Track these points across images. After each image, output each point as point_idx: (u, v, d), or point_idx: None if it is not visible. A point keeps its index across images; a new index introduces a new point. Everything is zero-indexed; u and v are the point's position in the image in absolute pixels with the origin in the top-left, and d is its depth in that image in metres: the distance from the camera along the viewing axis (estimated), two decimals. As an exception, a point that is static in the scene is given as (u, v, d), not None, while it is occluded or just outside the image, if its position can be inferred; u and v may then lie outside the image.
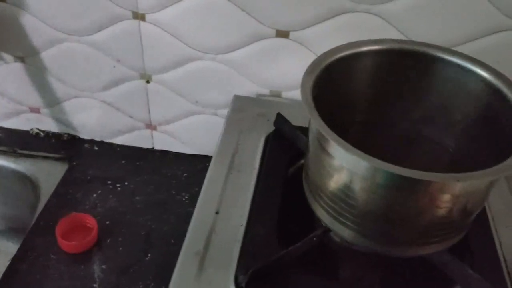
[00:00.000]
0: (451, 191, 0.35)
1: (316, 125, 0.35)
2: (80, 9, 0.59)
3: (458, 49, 0.54)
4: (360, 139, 0.46)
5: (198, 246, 0.43)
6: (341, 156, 0.36)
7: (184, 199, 0.66)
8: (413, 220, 0.37)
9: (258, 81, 0.63)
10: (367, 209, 0.37)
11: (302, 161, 0.47)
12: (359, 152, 0.34)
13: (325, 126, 0.35)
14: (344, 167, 0.36)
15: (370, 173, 0.35)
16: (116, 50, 0.63)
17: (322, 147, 0.38)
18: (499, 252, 0.45)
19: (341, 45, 0.42)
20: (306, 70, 0.39)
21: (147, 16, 0.59)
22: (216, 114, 0.67)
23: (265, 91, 0.64)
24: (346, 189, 0.37)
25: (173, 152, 0.72)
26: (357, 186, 0.36)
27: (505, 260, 0.44)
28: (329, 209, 0.40)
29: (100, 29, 0.61)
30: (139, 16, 0.59)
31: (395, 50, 0.42)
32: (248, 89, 0.64)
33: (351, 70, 0.42)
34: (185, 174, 0.69)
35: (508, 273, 0.43)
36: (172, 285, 0.40)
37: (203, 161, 0.69)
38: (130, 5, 0.58)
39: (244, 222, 0.46)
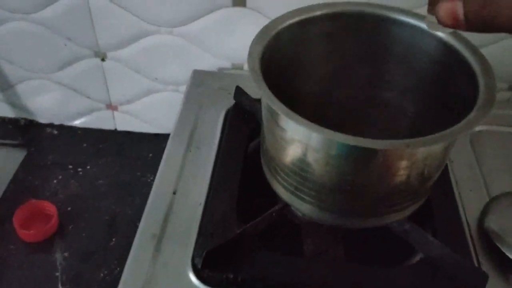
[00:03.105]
0: (404, 157, 0.33)
1: (264, 97, 0.34)
2: (22, -15, 0.56)
3: (421, 10, 0.52)
4: (318, 109, 0.45)
5: (155, 228, 0.42)
6: (292, 128, 0.34)
7: (149, 180, 0.64)
8: (369, 190, 0.36)
9: (218, 54, 0.60)
10: (323, 182, 0.36)
11: (261, 135, 0.45)
12: (308, 122, 0.32)
13: (273, 97, 0.33)
14: (296, 140, 0.35)
15: (322, 144, 0.33)
16: (65, 27, 0.59)
17: (274, 120, 0.36)
18: (462, 216, 0.44)
19: (291, 11, 0.39)
20: (254, 39, 0.37)
21: (95, -11, 0.55)
22: (177, 91, 0.64)
23: (227, 64, 0.61)
24: (300, 162, 0.36)
25: (136, 132, 0.70)
26: (311, 158, 0.35)
27: (468, 224, 0.44)
28: (285, 184, 0.39)
29: (46, 5, 0.57)
30: (85, -10, 0.55)
31: (347, 13, 0.40)
32: (209, 63, 0.61)
33: (303, 37, 0.40)
34: (150, 154, 0.67)
35: (471, 237, 0.43)
36: (126, 270, 0.39)
37: (168, 139, 0.67)
38: (75, -22, 0.55)
39: (202, 200, 0.44)
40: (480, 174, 0.49)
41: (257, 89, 0.34)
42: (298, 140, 0.35)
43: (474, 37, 0.35)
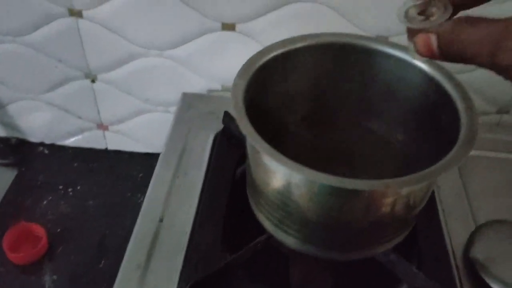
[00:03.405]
0: (388, 195, 0.33)
1: (247, 134, 0.34)
2: (12, 9, 0.56)
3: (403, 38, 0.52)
4: (305, 139, 0.45)
5: (140, 259, 0.42)
6: (274, 166, 0.34)
7: (140, 201, 0.64)
8: (353, 224, 0.36)
9: (208, 76, 0.60)
10: (306, 217, 0.36)
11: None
12: (290, 161, 0.32)
13: (256, 135, 0.33)
14: (278, 176, 0.35)
15: (304, 182, 0.33)
16: (55, 50, 0.59)
17: (258, 155, 0.36)
18: (448, 246, 0.44)
19: (275, 43, 0.39)
20: (238, 72, 0.37)
21: (84, 13, 0.55)
22: (168, 111, 0.65)
23: (217, 85, 0.62)
24: (284, 197, 0.36)
25: (127, 151, 0.70)
26: (294, 194, 0.35)
27: (453, 253, 0.44)
28: (269, 216, 0.39)
29: (35, 28, 0.57)
30: (75, 13, 0.55)
31: (333, 44, 0.40)
32: (199, 84, 0.61)
33: (288, 68, 0.40)
34: (140, 174, 0.67)
35: (457, 267, 0.43)
36: (110, 303, 0.39)
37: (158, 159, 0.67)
38: (65, 2, 0.54)
39: (189, 229, 0.44)
40: (467, 201, 0.49)
41: (240, 127, 0.34)
42: (280, 177, 0.35)
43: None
